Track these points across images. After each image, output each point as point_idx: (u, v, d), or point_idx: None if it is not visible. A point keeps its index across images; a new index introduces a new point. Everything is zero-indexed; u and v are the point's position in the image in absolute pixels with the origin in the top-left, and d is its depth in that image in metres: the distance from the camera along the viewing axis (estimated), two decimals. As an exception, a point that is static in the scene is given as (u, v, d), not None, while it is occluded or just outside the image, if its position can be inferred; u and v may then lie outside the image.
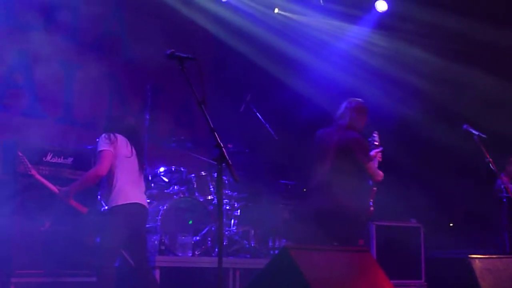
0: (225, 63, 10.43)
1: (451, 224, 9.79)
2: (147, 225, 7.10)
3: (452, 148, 9.14)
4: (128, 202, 5.83)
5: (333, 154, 6.23)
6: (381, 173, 6.18)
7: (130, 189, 5.89)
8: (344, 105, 6.38)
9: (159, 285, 6.48)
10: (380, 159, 6.25)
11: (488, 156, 7.23)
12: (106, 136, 5.88)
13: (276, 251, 7.53)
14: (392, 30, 10.32)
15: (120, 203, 5.79)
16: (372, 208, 6.24)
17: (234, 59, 10.28)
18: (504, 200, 8.72)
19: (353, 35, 10.59)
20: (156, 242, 6.99)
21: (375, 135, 6.37)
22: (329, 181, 6.10)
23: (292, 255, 3.89)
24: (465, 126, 7.24)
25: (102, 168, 5.78)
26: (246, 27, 10.03)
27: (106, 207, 5.89)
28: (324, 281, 3.91)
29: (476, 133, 7.17)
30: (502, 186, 7.80)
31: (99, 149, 5.82)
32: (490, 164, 7.46)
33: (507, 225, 8.85)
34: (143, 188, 6.14)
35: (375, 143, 6.30)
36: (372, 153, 6.20)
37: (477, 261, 5.31)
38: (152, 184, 7.85)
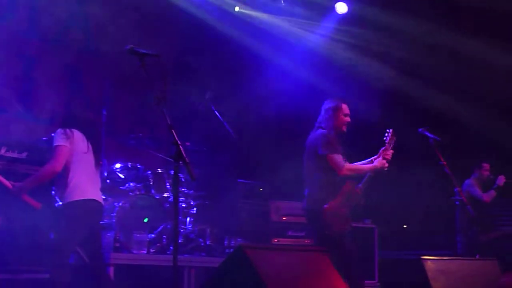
0: (186, 60, 10.39)
1: (404, 226, 9.90)
2: (102, 222, 7.04)
3: (409, 149, 9.25)
4: (83, 198, 5.77)
5: (305, 155, 6.51)
6: (346, 166, 6.21)
7: (85, 185, 5.83)
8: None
9: (113, 282, 6.43)
10: (388, 157, 6.30)
11: (442, 159, 7.33)
12: (62, 131, 5.80)
13: (232, 250, 7.53)
14: (353, 30, 10.40)
15: (75, 199, 5.73)
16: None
17: (194, 56, 10.24)
18: (457, 203, 8.87)
19: (314, 33, 10.63)
20: (110, 239, 6.93)
21: (387, 133, 6.42)
22: (304, 181, 6.45)
23: (247, 254, 3.90)
24: (420, 129, 7.34)
25: (57, 164, 5.70)
26: (207, 25, 10.00)
27: (61, 203, 5.82)
28: (279, 280, 3.92)
29: (431, 136, 7.27)
30: (456, 189, 7.92)
31: (55, 144, 5.74)
32: (445, 167, 7.57)
33: (459, 228, 9.00)
34: (99, 185, 6.09)
35: (386, 141, 6.36)
36: (380, 151, 6.32)
37: (429, 262, 5.38)
38: (108, 181, 7.78)
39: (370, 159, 6.44)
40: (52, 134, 5.86)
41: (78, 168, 5.81)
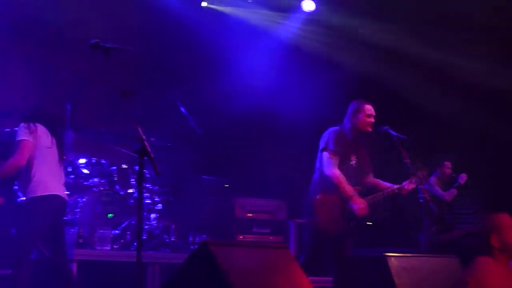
0: (151, 55, 10.32)
1: (369, 223, 9.97)
2: (65, 217, 6.98)
3: (374, 147, 9.32)
4: (47, 193, 5.72)
5: None
6: (335, 171, 6.23)
7: (49, 180, 5.78)
8: None
9: (76, 278, 6.38)
10: (404, 193, 6.45)
11: (406, 158, 7.38)
12: (26, 126, 5.74)
13: (196, 246, 7.52)
14: (320, 27, 10.43)
15: (38, 194, 5.67)
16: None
17: (160, 51, 10.19)
18: (421, 200, 8.94)
19: (281, 30, 10.64)
20: (74, 235, 6.88)
21: (417, 169, 6.50)
22: None
23: (211, 250, 3.90)
24: (384, 128, 7.37)
25: (21, 158, 5.64)
26: (173, 20, 9.94)
27: (24, 198, 5.76)
28: (242, 276, 3.93)
29: (395, 134, 7.31)
30: (419, 187, 7.99)
31: (18, 138, 5.68)
32: (409, 166, 7.62)
33: (422, 226, 9.09)
34: (63, 180, 6.04)
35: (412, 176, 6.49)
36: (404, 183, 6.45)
37: (393, 259, 5.43)
38: (72, 176, 7.71)
39: (399, 186, 6.52)
40: (16, 129, 5.79)
41: (42, 163, 5.76)
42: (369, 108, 6.48)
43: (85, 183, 7.62)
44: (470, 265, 4.48)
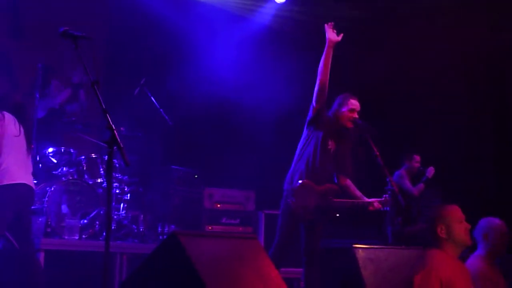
0: (121, 44, 10.26)
1: (337, 215, 10.02)
2: (33, 207, 6.94)
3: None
4: (14, 182, 5.69)
5: None
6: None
7: (16, 169, 5.74)
8: None
9: (44, 268, 6.35)
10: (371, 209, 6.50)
11: (375, 150, 7.43)
12: None
13: (165, 237, 7.53)
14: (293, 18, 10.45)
15: (5, 183, 5.63)
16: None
17: (130, 41, 10.13)
18: (389, 192, 9.00)
19: (254, 19, 10.64)
20: (42, 224, 6.84)
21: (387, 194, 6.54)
22: None
23: (180, 241, 3.90)
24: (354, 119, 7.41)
25: None
26: (142, 8, 9.89)
27: None
28: (211, 266, 3.94)
29: (365, 126, 7.35)
30: (387, 179, 8.04)
31: None
32: (378, 158, 7.67)
33: (390, 218, 9.16)
34: (30, 169, 6.00)
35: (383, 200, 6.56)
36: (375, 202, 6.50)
37: (360, 250, 5.48)
38: (40, 165, 7.65)
39: (369, 200, 6.61)
40: None
41: (9, 152, 5.71)
42: (353, 103, 6.49)
43: (53, 172, 7.57)
44: (419, 258, 4.53)
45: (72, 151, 7.79)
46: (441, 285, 4.22)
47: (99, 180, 7.73)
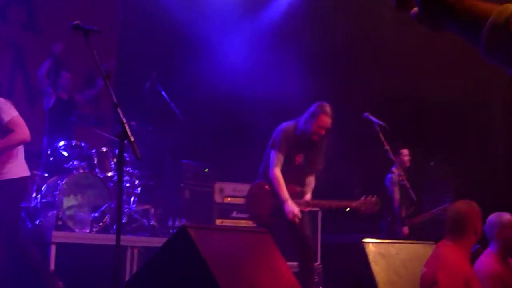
0: (132, 38, 10.28)
1: (347, 209, 10.01)
2: (44, 200, 6.98)
3: (351, 134, 9.35)
4: (28, 175, 5.77)
5: None
6: (276, 172, 6.33)
7: (25, 162, 5.82)
8: None
9: (55, 261, 6.38)
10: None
11: (386, 144, 7.42)
12: (4, 102, 5.74)
13: (176, 230, 7.54)
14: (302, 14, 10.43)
15: (23, 175, 5.72)
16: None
17: (141, 35, 10.14)
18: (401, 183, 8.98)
19: (264, 14, 10.62)
20: (53, 218, 6.86)
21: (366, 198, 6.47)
22: None
23: (190, 234, 3.91)
24: (365, 114, 7.41)
25: (26, 133, 5.66)
26: (153, 1, 9.90)
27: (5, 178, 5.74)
28: (221, 260, 3.94)
29: (376, 121, 7.35)
30: (398, 173, 8.03)
31: (10, 116, 5.66)
32: (388, 153, 7.67)
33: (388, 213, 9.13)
34: None
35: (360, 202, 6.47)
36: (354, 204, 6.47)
37: (370, 245, 5.47)
38: (51, 158, 7.68)
39: (349, 206, 6.59)
40: None
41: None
42: (323, 120, 6.32)
43: (64, 165, 7.58)
44: (435, 253, 4.51)
45: (83, 144, 7.81)
46: (464, 280, 4.21)
47: (110, 174, 7.75)
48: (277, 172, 6.33)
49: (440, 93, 9.54)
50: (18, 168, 5.74)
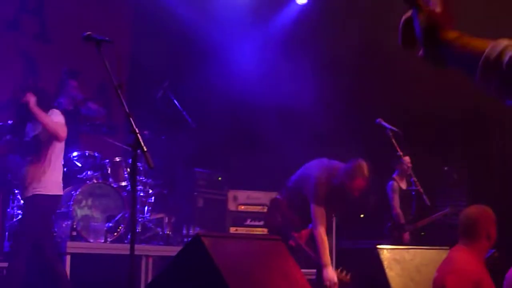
0: (144, 48, 10.31)
1: (361, 215, 10.00)
2: (59, 210, 7.02)
3: (366, 139, 9.34)
4: (60, 194, 6.04)
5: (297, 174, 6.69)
6: (321, 230, 6.23)
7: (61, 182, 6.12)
8: None
9: (70, 271, 6.40)
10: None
11: (399, 150, 7.41)
12: (58, 112, 5.92)
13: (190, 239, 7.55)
14: (314, 20, 10.42)
15: (59, 193, 5.91)
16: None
17: (153, 44, 10.18)
18: (413, 193, 8.96)
19: (275, 21, 10.63)
20: (67, 228, 6.89)
21: None
22: None
23: (204, 243, 3.91)
24: (377, 120, 7.40)
25: (63, 134, 5.94)
26: (165, 11, 9.93)
27: (42, 193, 5.90)
28: (235, 268, 3.94)
29: (389, 127, 7.34)
30: (411, 179, 8.01)
31: (58, 119, 5.95)
32: (401, 158, 7.65)
33: (415, 218, 9.10)
34: None
35: None
36: None
37: (385, 251, 5.45)
38: (65, 169, 7.71)
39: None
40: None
41: (58, 160, 6.01)
42: (360, 184, 6.17)
43: (78, 176, 7.62)
44: (447, 258, 4.48)
45: (96, 154, 7.84)
46: (474, 284, 4.18)
47: (123, 183, 7.77)
48: (323, 232, 6.18)
49: (455, 97, 9.51)
50: (55, 185, 5.87)
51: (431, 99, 9.69)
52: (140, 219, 7.84)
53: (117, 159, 7.90)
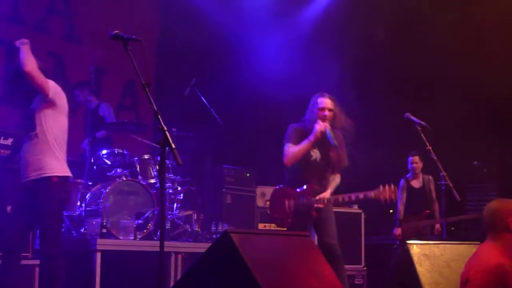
0: (171, 46, 10.36)
1: (391, 211, 9.95)
2: (88, 208, 7.07)
3: (394, 134, 9.29)
4: (68, 175, 5.85)
5: None
6: (287, 151, 6.30)
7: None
8: None
9: (100, 268, 6.45)
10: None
11: (428, 145, 7.34)
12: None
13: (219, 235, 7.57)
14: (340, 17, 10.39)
15: (69, 174, 5.78)
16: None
17: (180, 42, 10.22)
18: (443, 188, 8.89)
19: (302, 16, 10.62)
20: (97, 225, 6.93)
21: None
22: None
23: (233, 239, 3.91)
24: (406, 114, 7.35)
25: (46, 85, 5.62)
26: (192, 9, 9.96)
27: (55, 175, 5.66)
28: (264, 264, 3.94)
29: (417, 121, 7.28)
30: (441, 174, 7.93)
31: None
32: (430, 153, 7.58)
33: (444, 213, 9.03)
34: None
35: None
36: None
37: (414, 246, 5.42)
38: (95, 167, 7.78)
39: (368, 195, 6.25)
40: None
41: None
42: (321, 101, 6.35)
43: (107, 173, 7.68)
44: (474, 253, 4.44)
45: (125, 152, 7.90)
46: (498, 277, 4.14)
47: (152, 181, 7.81)
48: (289, 147, 6.33)
49: (484, 90, 9.43)
50: (60, 166, 5.68)
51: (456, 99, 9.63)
52: (169, 216, 7.88)
53: (146, 156, 7.94)
